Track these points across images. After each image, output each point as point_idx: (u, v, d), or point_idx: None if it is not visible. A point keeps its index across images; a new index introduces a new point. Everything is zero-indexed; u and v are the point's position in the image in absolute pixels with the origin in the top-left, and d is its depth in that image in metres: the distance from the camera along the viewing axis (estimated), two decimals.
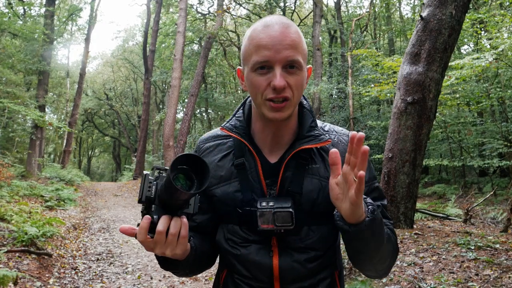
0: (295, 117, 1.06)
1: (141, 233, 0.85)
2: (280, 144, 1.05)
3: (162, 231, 0.85)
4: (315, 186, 1.00)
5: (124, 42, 34.24)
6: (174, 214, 0.87)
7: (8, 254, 4.52)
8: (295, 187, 1.00)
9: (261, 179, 1.02)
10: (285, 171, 1.01)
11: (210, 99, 22.17)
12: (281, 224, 0.95)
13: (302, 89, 0.97)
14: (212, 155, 1.11)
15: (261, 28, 0.95)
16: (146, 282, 4.76)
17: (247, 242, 1.03)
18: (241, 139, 1.04)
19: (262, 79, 0.94)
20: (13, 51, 15.19)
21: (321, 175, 1.02)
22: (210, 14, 20.36)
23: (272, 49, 0.92)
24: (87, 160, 40.35)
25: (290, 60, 0.92)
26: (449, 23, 5.33)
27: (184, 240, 0.88)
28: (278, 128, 1.03)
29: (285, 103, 0.94)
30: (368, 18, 19.35)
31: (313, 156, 1.04)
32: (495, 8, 12.34)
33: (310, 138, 1.01)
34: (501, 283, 3.55)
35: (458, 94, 10.65)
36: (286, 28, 0.94)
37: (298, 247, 1.00)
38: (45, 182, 12.65)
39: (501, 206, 8.47)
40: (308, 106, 1.09)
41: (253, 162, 1.04)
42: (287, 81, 0.93)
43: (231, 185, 1.04)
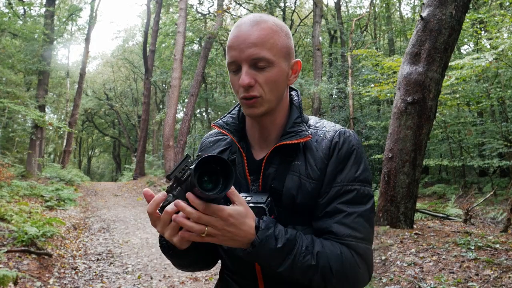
0: (283, 114, 1.05)
1: (152, 205, 0.87)
2: (268, 140, 1.05)
3: (169, 212, 0.85)
4: (295, 184, 0.98)
5: (124, 42, 34.25)
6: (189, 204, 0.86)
7: (8, 254, 4.52)
8: (277, 184, 0.99)
9: (246, 174, 1.04)
10: (266, 167, 1.01)
11: (210, 99, 22.17)
12: None
13: (276, 85, 0.96)
14: (211, 150, 1.14)
15: (233, 29, 0.97)
16: (146, 282, 4.76)
17: None
18: (230, 135, 1.06)
19: (235, 78, 0.97)
20: (13, 51, 15.19)
21: (301, 173, 0.99)
22: (210, 14, 20.37)
23: (237, 49, 0.94)
24: (87, 160, 40.35)
25: (254, 58, 0.93)
26: (449, 23, 5.33)
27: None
28: (263, 124, 1.04)
29: (255, 100, 0.95)
30: (368, 18, 19.35)
31: (298, 152, 1.01)
32: (495, 8, 12.35)
33: (291, 134, 1.00)
34: (501, 283, 3.55)
35: (458, 94, 10.64)
36: (253, 26, 0.94)
37: None
38: (45, 182, 12.65)
39: (501, 206, 8.47)
40: (297, 102, 1.08)
41: (241, 158, 1.05)
42: (256, 79, 0.94)
43: None
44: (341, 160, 0.98)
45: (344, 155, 0.98)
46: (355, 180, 0.97)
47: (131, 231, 7.82)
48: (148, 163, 23.16)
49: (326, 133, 1.02)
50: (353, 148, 0.99)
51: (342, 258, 0.90)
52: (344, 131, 1.02)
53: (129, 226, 8.34)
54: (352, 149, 0.99)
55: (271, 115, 1.02)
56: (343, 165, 0.98)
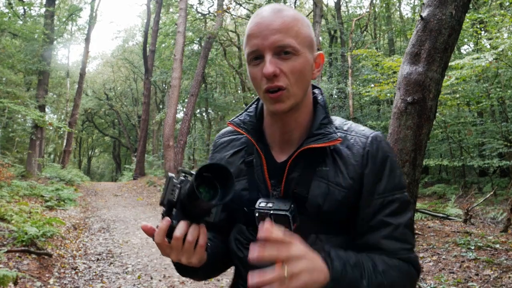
0: (307, 112, 0.96)
1: (159, 235, 0.83)
2: (290, 141, 0.97)
3: (179, 237, 0.81)
4: (322, 191, 0.90)
5: (124, 42, 34.26)
6: (194, 221, 0.84)
7: (8, 254, 4.52)
8: (301, 190, 0.91)
9: (266, 178, 0.96)
10: (290, 171, 0.93)
11: (210, 99, 22.17)
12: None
13: (302, 76, 0.88)
14: (225, 151, 1.06)
15: (252, 18, 0.90)
16: (146, 282, 4.76)
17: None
18: (248, 135, 0.97)
19: (256, 70, 0.88)
20: (13, 51, 15.19)
21: (330, 179, 0.91)
22: (210, 14, 20.36)
23: (260, 36, 0.86)
24: (87, 160, 40.34)
25: (280, 45, 0.85)
26: (449, 23, 5.32)
27: (201, 249, 0.85)
28: (285, 123, 0.95)
29: (281, 92, 0.87)
30: (368, 18, 19.35)
31: (326, 157, 0.93)
32: (495, 8, 12.34)
33: (318, 136, 0.92)
34: (501, 283, 3.55)
35: (458, 94, 10.64)
36: (276, 12, 0.87)
37: None
38: (45, 182, 12.65)
39: (501, 206, 8.46)
40: (323, 101, 0.99)
41: (259, 160, 0.97)
42: (281, 68, 0.86)
43: (239, 183, 0.98)
44: (377, 170, 0.91)
45: (380, 163, 0.92)
46: (395, 189, 0.92)
47: (131, 231, 7.82)
48: (148, 163, 23.15)
49: (357, 139, 0.95)
50: (387, 155, 0.93)
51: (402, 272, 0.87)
52: (375, 136, 0.95)
53: (129, 226, 8.34)
54: (386, 156, 0.93)
55: (295, 112, 0.93)
56: (380, 175, 0.91)
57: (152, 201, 12.67)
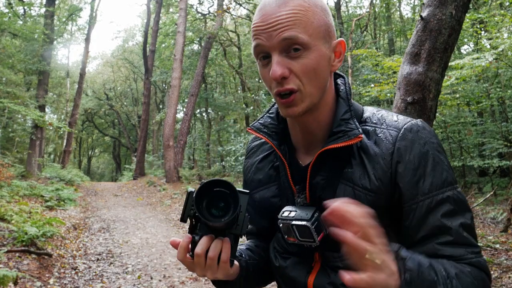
0: (328, 109, 0.86)
1: (180, 252, 0.79)
2: (314, 142, 0.88)
3: (200, 254, 0.77)
4: (348, 195, 0.81)
5: (124, 42, 34.27)
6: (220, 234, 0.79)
7: (8, 254, 4.53)
8: (327, 194, 0.82)
9: (290, 184, 0.89)
10: (313, 175, 0.85)
11: (210, 99, 22.16)
12: (304, 239, 0.81)
13: (317, 74, 0.79)
14: (255, 156, 1.00)
15: (257, 12, 0.81)
16: (146, 282, 4.76)
17: (288, 253, 0.91)
18: (268, 140, 0.89)
19: (265, 71, 0.81)
20: (13, 51, 15.20)
21: (354, 182, 0.82)
22: (210, 14, 20.36)
23: (264, 34, 0.77)
24: (87, 160, 40.35)
25: (285, 40, 0.76)
26: (449, 23, 5.33)
27: (225, 265, 0.79)
28: (305, 124, 0.86)
29: (294, 95, 0.78)
30: (368, 18, 19.35)
31: (351, 157, 0.83)
32: (495, 8, 12.35)
33: (339, 134, 0.82)
34: (501, 283, 3.55)
35: (458, 94, 10.64)
36: (281, 4, 0.77)
37: (337, 267, 0.82)
38: (45, 182, 12.65)
39: (501, 206, 8.46)
40: (344, 92, 0.87)
41: (283, 165, 0.90)
42: (290, 67, 0.77)
43: (269, 189, 0.93)
44: (417, 166, 0.79)
45: (418, 157, 0.79)
46: (444, 185, 0.79)
47: (131, 231, 7.82)
48: (148, 163, 23.16)
49: (387, 132, 0.82)
50: (426, 147, 0.80)
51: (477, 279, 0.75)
52: (410, 127, 0.81)
53: (129, 226, 8.34)
54: (426, 148, 0.80)
55: (314, 111, 0.83)
56: (422, 171, 0.78)
57: (152, 201, 12.67)
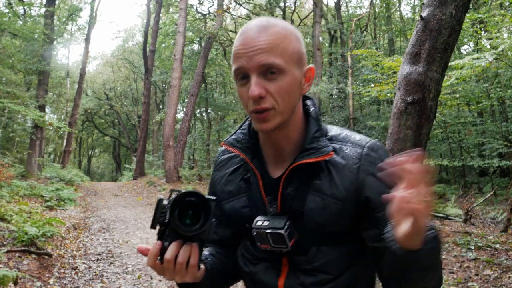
0: (298, 127, 0.96)
1: (150, 258, 0.84)
2: (284, 157, 0.97)
3: (169, 259, 0.83)
4: (317, 205, 0.90)
5: (124, 42, 34.26)
6: (187, 240, 0.85)
7: (8, 254, 4.52)
8: (297, 205, 0.92)
9: (262, 195, 0.96)
10: (285, 187, 0.93)
11: (210, 99, 22.17)
12: (276, 245, 0.89)
13: (289, 95, 0.88)
14: (225, 169, 1.07)
15: (238, 36, 0.90)
16: (146, 282, 4.76)
17: (257, 259, 0.99)
18: (241, 154, 0.98)
19: (243, 90, 0.89)
20: (13, 51, 15.20)
21: (324, 192, 0.91)
22: (210, 14, 20.37)
23: (244, 57, 0.86)
24: (87, 160, 40.36)
25: (264, 65, 0.85)
26: (449, 23, 5.32)
27: (193, 269, 0.85)
28: (276, 140, 0.95)
29: (267, 112, 0.87)
30: (368, 18, 19.36)
31: (320, 170, 0.92)
32: (495, 8, 12.35)
33: (311, 151, 0.91)
34: (501, 283, 3.56)
35: (458, 94, 10.64)
36: (262, 31, 0.86)
37: (305, 269, 0.93)
38: (45, 182, 12.64)
39: (501, 206, 8.46)
40: (315, 113, 0.97)
41: (255, 177, 0.98)
42: (267, 89, 0.86)
43: (239, 200, 1.01)
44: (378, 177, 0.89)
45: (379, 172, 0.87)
46: None
47: (131, 231, 7.82)
48: (148, 163, 23.16)
49: (352, 149, 0.93)
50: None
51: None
52: (371, 145, 0.93)
53: (129, 226, 8.34)
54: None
55: (284, 128, 0.93)
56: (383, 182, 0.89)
57: (152, 201, 12.67)
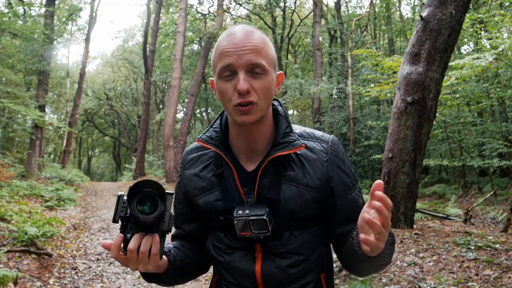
0: (269, 124, 1.06)
1: (114, 250, 0.90)
2: (256, 151, 1.06)
3: (132, 249, 0.88)
4: (293, 193, 1.01)
5: (124, 42, 34.25)
6: (149, 231, 0.90)
7: (8, 254, 4.52)
8: (273, 194, 1.01)
9: (238, 187, 1.04)
10: (261, 178, 1.02)
11: (210, 99, 22.17)
12: (257, 231, 0.97)
13: (269, 93, 0.98)
14: (195, 167, 1.13)
15: (225, 37, 0.98)
16: (146, 282, 4.75)
17: (231, 249, 1.06)
18: (216, 150, 1.05)
19: (228, 85, 0.96)
20: (13, 51, 15.19)
21: (298, 182, 1.02)
22: (210, 14, 20.37)
23: (234, 55, 0.94)
24: (87, 160, 40.35)
25: (252, 64, 0.94)
26: (449, 23, 5.33)
27: (155, 257, 0.90)
28: (251, 134, 1.04)
29: (251, 106, 0.96)
30: (368, 18, 19.35)
31: (292, 162, 1.04)
32: (495, 8, 12.35)
33: (284, 144, 1.02)
34: (501, 283, 3.56)
35: (458, 94, 10.64)
36: (248, 34, 0.97)
37: (280, 253, 1.02)
38: (45, 182, 12.64)
39: (501, 206, 8.46)
40: (283, 112, 1.09)
41: (230, 171, 1.05)
42: (252, 85, 0.95)
43: (212, 194, 1.07)
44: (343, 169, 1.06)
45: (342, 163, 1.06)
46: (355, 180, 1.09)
47: None
48: (148, 163, 23.17)
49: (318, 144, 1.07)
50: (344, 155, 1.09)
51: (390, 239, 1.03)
52: (334, 140, 1.09)
53: None
54: (344, 156, 1.09)
55: (260, 124, 1.02)
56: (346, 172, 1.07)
57: None
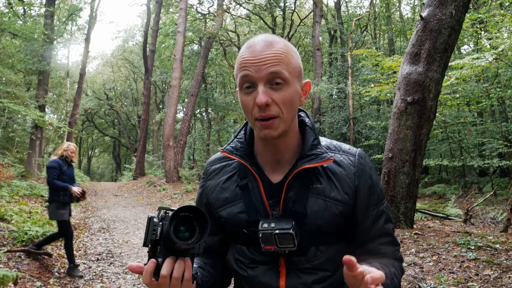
0: (295, 136, 1.04)
1: (146, 276, 0.86)
2: (282, 163, 1.04)
3: (166, 275, 0.85)
4: (320, 207, 0.99)
5: (124, 42, 34.25)
6: (179, 255, 0.88)
7: (8, 254, 4.53)
8: (299, 207, 0.99)
9: (263, 199, 1.02)
10: (287, 191, 1.00)
11: (210, 99, 22.17)
12: (283, 246, 0.95)
13: (292, 105, 0.95)
14: (218, 178, 1.11)
15: (245, 48, 0.96)
16: None
17: (254, 263, 1.03)
18: (242, 161, 1.03)
19: (249, 98, 0.95)
20: (13, 51, 15.19)
21: (326, 195, 1.00)
22: (210, 14, 20.37)
23: (253, 66, 0.92)
24: (87, 160, 40.36)
25: (272, 76, 0.92)
26: (449, 23, 5.33)
27: (188, 283, 0.88)
28: (277, 147, 1.02)
29: (273, 120, 0.93)
30: (368, 18, 19.35)
31: (318, 175, 1.01)
32: (495, 8, 12.34)
33: (312, 157, 0.99)
34: (501, 283, 3.55)
35: (458, 94, 10.64)
36: (269, 44, 0.94)
37: (305, 268, 0.99)
38: (45, 182, 12.64)
39: (501, 206, 8.46)
40: (311, 124, 1.07)
41: (255, 183, 1.03)
42: (273, 98, 0.92)
43: (236, 206, 1.05)
44: (369, 184, 1.03)
45: (369, 178, 1.04)
46: (382, 199, 1.06)
47: (131, 231, 7.82)
48: (148, 163, 23.17)
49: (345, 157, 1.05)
50: (371, 170, 1.06)
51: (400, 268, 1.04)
52: (360, 154, 1.06)
53: (129, 226, 8.34)
54: (371, 171, 1.05)
55: (285, 136, 1.00)
56: (372, 188, 1.03)
57: (152, 201, 12.67)
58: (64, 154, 4.91)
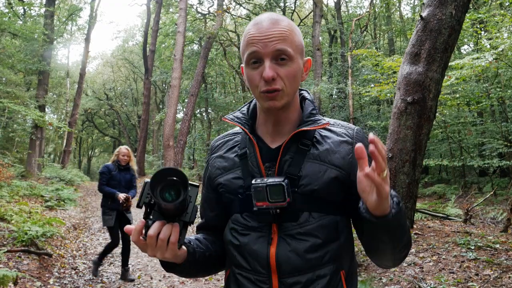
0: (296, 109, 1.09)
1: (134, 234, 0.91)
2: (282, 134, 1.08)
3: (152, 236, 0.89)
4: (315, 170, 1.02)
5: (124, 42, 34.27)
6: (171, 220, 0.91)
7: (8, 254, 4.52)
8: (294, 170, 1.02)
9: (259, 163, 1.05)
10: (284, 154, 1.04)
11: (210, 99, 22.18)
12: (274, 200, 0.96)
13: (295, 79, 1.01)
14: (220, 150, 1.17)
15: (252, 25, 1.02)
16: (146, 282, 4.76)
17: (247, 229, 1.04)
18: (241, 126, 1.08)
19: (255, 73, 1.00)
20: (13, 51, 15.19)
21: (322, 159, 1.03)
22: (210, 14, 20.36)
23: (260, 43, 0.98)
24: (87, 160, 40.35)
25: (278, 52, 0.97)
26: (449, 23, 5.33)
27: (173, 246, 0.91)
28: (278, 118, 1.07)
29: (277, 92, 0.99)
30: (368, 18, 19.35)
31: (316, 143, 1.06)
32: (495, 8, 12.34)
33: (308, 122, 1.05)
34: (501, 283, 3.55)
35: (458, 94, 10.64)
36: (275, 22, 0.99)
37: (297, 233, 1.00)
38: (45, 182, 12.65)
39: (501, 206, 8.46)
40: (311, 98, 1.13)
41: (253, 149, 1.07)
42: (278, 72, 0.98)
43: (233, 173, 1.09)
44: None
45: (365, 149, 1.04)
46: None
47: None
48: (148, 163, 23.17)
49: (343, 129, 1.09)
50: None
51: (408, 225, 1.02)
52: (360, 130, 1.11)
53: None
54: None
55: (287, 109, 1.05)
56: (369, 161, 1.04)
57: None
58: (114, 159, 4.93)
